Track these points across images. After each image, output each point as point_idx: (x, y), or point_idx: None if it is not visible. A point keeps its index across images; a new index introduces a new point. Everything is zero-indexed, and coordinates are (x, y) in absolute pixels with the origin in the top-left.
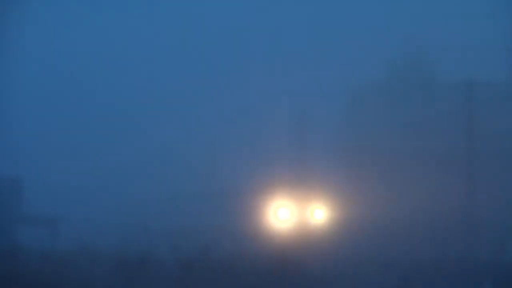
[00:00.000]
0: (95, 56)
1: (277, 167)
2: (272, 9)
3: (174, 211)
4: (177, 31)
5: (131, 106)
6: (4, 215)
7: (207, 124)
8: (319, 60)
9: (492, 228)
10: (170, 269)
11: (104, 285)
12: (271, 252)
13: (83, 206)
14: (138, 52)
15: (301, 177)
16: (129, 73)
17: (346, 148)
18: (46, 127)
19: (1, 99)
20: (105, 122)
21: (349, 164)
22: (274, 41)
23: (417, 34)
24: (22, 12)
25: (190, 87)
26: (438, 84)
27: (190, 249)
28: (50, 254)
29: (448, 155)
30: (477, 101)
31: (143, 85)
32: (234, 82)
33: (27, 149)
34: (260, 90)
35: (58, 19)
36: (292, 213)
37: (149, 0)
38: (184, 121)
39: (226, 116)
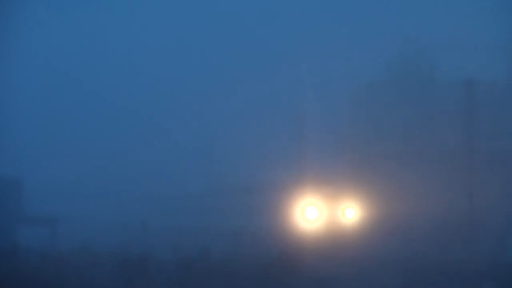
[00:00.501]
0: (95, 55)
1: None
2: (273, 9)
3: (176, 210)
4: (180, 30)
5: (131, 106)
6: (4, 215)
7: (212, 121)
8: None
9: (492, 228)
10: (170, 269)
11: (104, 285)
12: (284, 252)
13: (83, 205)
14: (140, 50)
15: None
16: (131, 71)
17: (353, 148)
18: (46, 127)
19: (1, 99)
20: (106, 122)
21: (351, 164)
22: (275, 41)
23: (417, 33)
24: (22, 11)
25: (193, 85)
26: (438, 84)
27: (191, 249)
28: (50, 254)
29: (448, 154)
30: (477, 100)
31: (145, 83)
32: (239, 82)
33: (27, 149)
34: (268, 89)
35: (58, 19)
36: (321, 212)
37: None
38: (187, 119)
39: (234, 115)
